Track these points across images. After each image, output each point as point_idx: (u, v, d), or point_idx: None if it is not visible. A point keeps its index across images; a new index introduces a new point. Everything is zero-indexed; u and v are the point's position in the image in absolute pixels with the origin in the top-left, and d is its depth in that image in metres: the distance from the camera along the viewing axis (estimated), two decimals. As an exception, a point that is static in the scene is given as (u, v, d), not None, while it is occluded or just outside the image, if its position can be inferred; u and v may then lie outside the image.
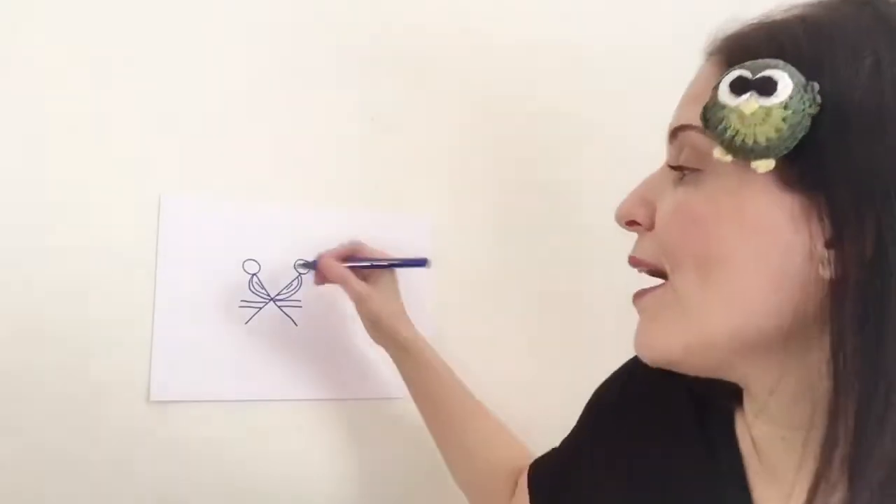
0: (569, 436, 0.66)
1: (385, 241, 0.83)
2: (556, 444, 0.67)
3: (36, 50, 0.76)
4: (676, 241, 0.46)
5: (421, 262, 0.81)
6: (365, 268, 0.81)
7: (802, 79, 0.41)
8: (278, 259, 0.83)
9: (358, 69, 0.89)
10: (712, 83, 0.44)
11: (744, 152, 0.42)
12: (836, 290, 0.40)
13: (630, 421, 0.58)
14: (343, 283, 0.79)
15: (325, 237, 0.84)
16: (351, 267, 0.80)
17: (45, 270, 0.75)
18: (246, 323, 0.82)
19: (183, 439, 0.79)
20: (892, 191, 0.39)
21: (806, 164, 0.41)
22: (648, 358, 0.49)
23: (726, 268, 0.44)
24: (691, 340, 0.46)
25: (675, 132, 0.47)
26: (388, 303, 0.80)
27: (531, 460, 0.69)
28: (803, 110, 0.40)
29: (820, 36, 0.43)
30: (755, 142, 0.41)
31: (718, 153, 0.43)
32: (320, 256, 0.81)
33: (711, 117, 0.43)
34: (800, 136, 0.41)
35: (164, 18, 0.81)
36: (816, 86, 0.41)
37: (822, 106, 0.41)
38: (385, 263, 0.81)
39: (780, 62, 0.42)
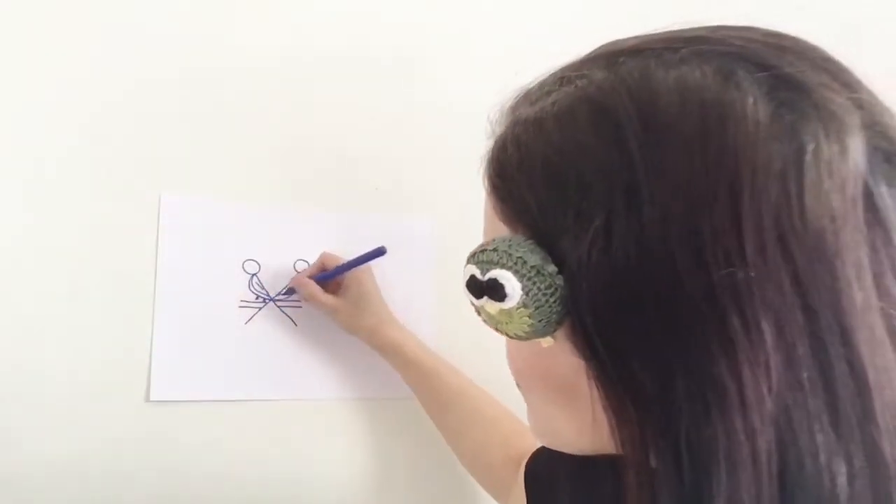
0: None
1: (385, 242, 0.83)
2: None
3: (37, 49, 0.76)
4: (512, 373, 0.44)
5: (380, 252, 0.80)
6: (331, 277, 0.82)
7: (536, 259, 0.36)
8: (278, 259, 0.83)
9: (359, 69, 0.89)
10: (493, 221, 0.41)
11: (513, 337, 0.39)
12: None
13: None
14: (312, 300, 0.81)
15: (325, 237, 0.84)
16: (323, 279, 0.81)
17: (45, 270, 0.75)
18: (246, 323, 0.82)
19: (183, 439, 0.79)
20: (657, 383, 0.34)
21: (576, 336, 0.37)
22: (540, 442, 0.46)
23: (554, 411, 0.42)
24: (559, 445, 0.44)
25: None
26: (360, 311, 0.81)
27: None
28: (546, 302, 0.36)
29: (550, 187, 0.37)
30: (515, 334, 0.38)
31: (496, 331, 0.40)
32: (294, 278, 0.82)
33: (471, 301, 0.40)
34: (558, 317, 0.36)
35: (164, 19, 0.81)
36: (552, 269, 0.36)
37: (564, 283, 0.36)
38: (345, 265, 0.81)
39: (505, 255, 0.37)
